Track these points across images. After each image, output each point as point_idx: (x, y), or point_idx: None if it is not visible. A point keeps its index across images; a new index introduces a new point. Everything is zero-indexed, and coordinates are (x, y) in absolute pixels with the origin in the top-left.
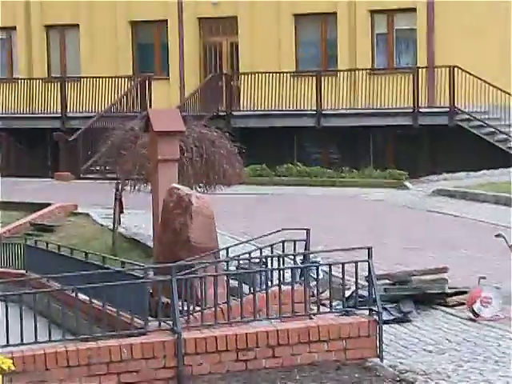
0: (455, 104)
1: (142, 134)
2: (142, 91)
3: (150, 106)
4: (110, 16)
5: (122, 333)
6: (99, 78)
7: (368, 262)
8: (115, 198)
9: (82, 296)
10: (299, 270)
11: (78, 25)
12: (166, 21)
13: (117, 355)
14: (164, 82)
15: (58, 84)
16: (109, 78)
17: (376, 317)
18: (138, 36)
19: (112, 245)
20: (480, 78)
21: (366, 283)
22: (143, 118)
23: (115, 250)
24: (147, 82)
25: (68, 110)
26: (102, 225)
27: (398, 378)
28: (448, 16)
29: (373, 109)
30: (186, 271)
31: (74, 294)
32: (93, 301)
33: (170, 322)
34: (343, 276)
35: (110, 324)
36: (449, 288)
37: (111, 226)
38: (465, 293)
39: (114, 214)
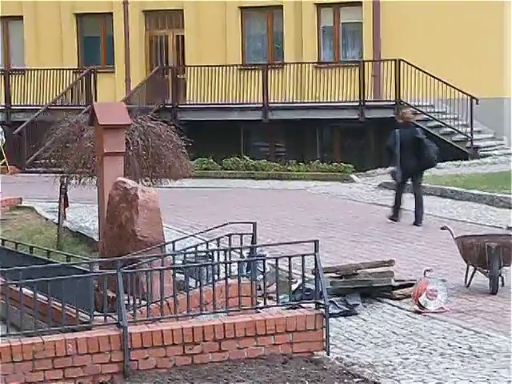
0: (401, 97)
1: (87, 127)
2: (87, 84)
3: (96, 98)
4: (54, 8)
5: (67, 327)
6: (44, 70)
7: (315, 255)
8: (60, 192)
9: (26, 290)
10: (246, 264)
11: (21, 16)
12: (111, 13)
13: (62, 350)
14: (109, 74)
15: (2, 76)
16: (54, 70)
17: (323, 310)
18: (83, 28)
19: (57, 239)
20: (425, 72)
21: (313, 276)
22: (88, 111)
23: (60, 244)
24: (92, 74)
25: (12, 103)
26: (47, 219)
27: (344, 371)
28: (394, 9)
29: (319, 102)
30: (132, 265)
31: (18, 289)
32: (37, 295)
33: (116, 317)
34: (290, 269)
35: (54, 319)
36: (395, 281)
37: (56, 220)
38: (411, 285)
39: (59, 207)
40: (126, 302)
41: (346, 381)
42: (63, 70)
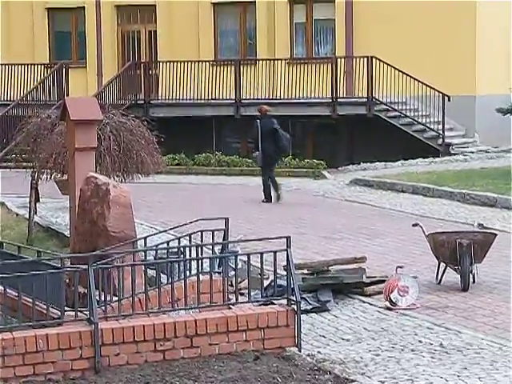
0: (373, 94)
1: (58, 122)
2: (58, 79)
3: (67, 94)
4: (26, 2)
5: (38, 323)
6: (15, 65)
7: (286, 251)
8: (31, 187)
9: None
10: (218, 260)
11: None
12: (83, 8)
13: (32, 346)
14: (81, 70)
15: None
16: (25, 65)
17: (294, 306)
18: (55, 23)
19: (28, 234)
20: (398, 69)
21: (285, 273)
22: (60, 106)
23: (31, 240)
24: (64, 69)
25: None
26: (17, 214)
27: (316, 367)
28: (366, 6)
29: (292, 98)
30: (103, 261)
31: None
32: (8, 291)
33: (87, 312)
34: (262, 266)
35: (25, 314)
36: (367, 277)
37: (27, 215)
38: (382, 282)
39: (30, 203)
40: (97, 297)
41: (317, 377)
42: (34, 64)
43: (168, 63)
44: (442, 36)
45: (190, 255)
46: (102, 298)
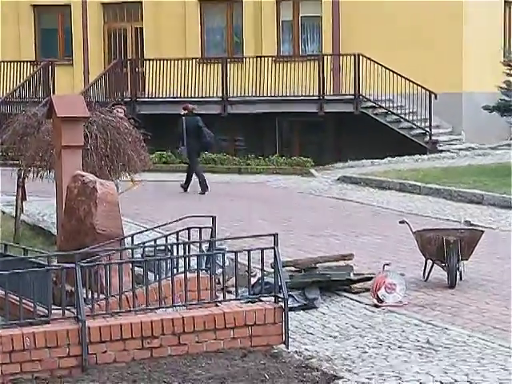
0: (360, 92)
1: (45, 120)
2: (45, 76)
3: (54, 91)
4: None
5: (25, 321)
6: (1, 62)
7: (274, 249)
8: (18, 185)
9: None
10: (205, 258)
11: None
12: (70, 5)
13: (19, 344)
14: (68, 67)
15: None
16: (11, 62)
17: (282, 304)
18: (41, 20)
19: (14, 232)
20: (385, 66)
21: (272, 270)
22: (46, 103)
23: (18, 238)
24: (50, 67)
25: None
26: (3, 212)
27: (303, 365)
28: (353, 3)
29: (279, 96)
30: (91, 259)
31: None
32: None
33: (74, 310)
34: (249, 263)
35: (12, 312)
36: (354, 274)
37: (13, 214)
38: (370, 279)
39: (17, 201)
40: (85, 295)
41: (304, 374)
42: (20, 62)
43: (155, 61)
44: (428, 34)
45: (177, 253)
46: (90, 296)
